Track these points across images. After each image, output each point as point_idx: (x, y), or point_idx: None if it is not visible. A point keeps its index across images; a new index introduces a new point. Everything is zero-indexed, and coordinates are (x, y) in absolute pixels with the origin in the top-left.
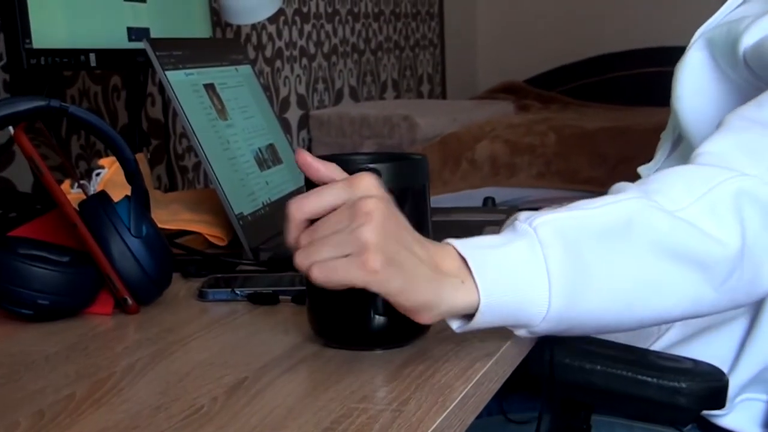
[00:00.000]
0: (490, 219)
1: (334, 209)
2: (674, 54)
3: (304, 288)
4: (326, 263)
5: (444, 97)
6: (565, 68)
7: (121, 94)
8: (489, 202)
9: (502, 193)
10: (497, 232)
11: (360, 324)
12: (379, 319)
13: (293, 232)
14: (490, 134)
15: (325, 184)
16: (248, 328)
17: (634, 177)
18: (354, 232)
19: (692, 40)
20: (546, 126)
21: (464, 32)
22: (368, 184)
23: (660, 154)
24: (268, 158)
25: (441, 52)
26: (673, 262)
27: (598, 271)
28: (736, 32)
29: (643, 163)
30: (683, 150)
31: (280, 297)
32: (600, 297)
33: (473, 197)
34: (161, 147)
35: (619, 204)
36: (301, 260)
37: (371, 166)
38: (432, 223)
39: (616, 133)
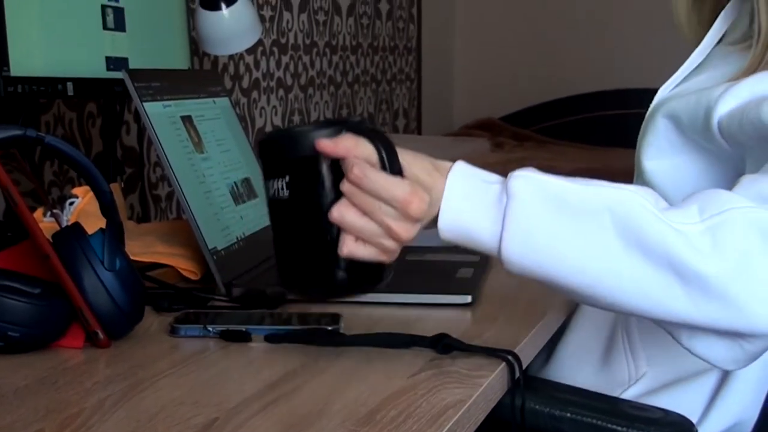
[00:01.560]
0: (465, 260)
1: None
2: (646, 96)
3: (276, 327)
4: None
5: (419, 132)
6: (540, 107)
7: (96, 122)
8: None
9: None
10: (470, 274)
11: (324, 274)
12: (341, 272)
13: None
14: None
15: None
16: (220, 366)
17: None
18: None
19: (654, 103)
20: (520, 166)
21: (442, 67)
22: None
23: None
24: (243, 192)
25: (418, 86)
26: (642, 256)
27: (555, 238)
28: (708, 102)
29: None
30: None
31: (253, 335)
32: (554, 262)
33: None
34: (135, 175)
35: (614, 189)
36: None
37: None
38: (407, 263)
39: (589, 175)
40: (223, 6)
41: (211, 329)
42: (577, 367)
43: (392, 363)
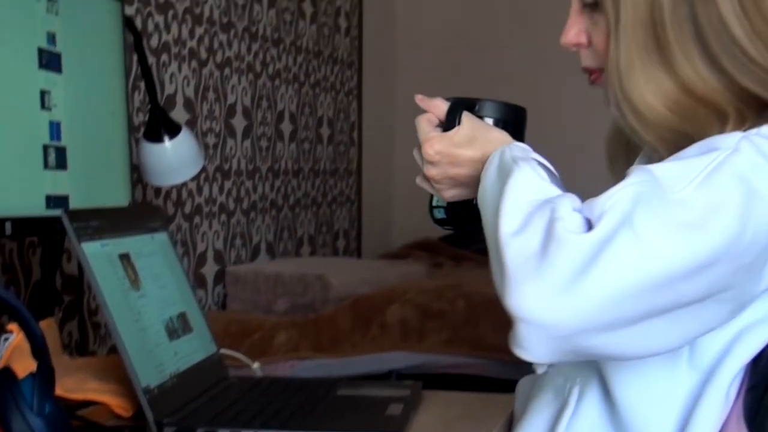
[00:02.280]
0: (395, 395)
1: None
2: None
3: None
4: None
5: (359, 252)
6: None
7: (37, 250)
8: (393, 375)
9: (410, 359)
10: (400, 410)
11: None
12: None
13: None
14: (401, 298)
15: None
16: None
17: None
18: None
19: None
20: (456, 292)
21: (381, 189)
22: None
23: None
24: (178, 327)
25: (358, 208)
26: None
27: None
28: None
29: None
30: None
31: None
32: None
33: (382, 361)
34: (74, 302)
35: None
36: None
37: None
38: (338, 399)
39: None
40: (166, 138)
41: None
42: None
43: None
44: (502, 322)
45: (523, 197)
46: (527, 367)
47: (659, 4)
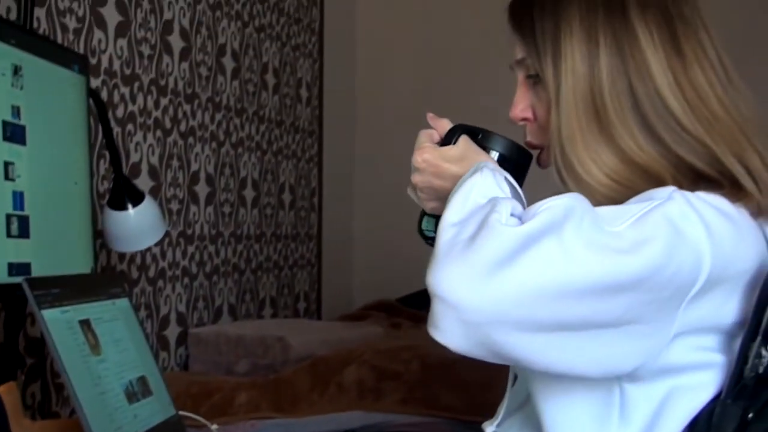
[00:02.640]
0: None
1: None
2: None
3: None
4: None
5: (319, 313)
6: None
7: (1, 314)
8: None
9: (366, 418)
10: None
11: None
12: None
13: None
14: (358, 359)
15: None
16: None
17: (492, 404)
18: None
19: None
20: (411, 353)
21: (340, 253)
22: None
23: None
24: (138, 391)
25: (318, 271)
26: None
27: None
28: None
29: (500, 390)
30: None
31: None
32: None
33: (340, 420)
34: (38, 364)
35: None
36: None
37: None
38: None
39: (476, 362)
40: (130, 206)
41: None
42: None
43: None
44: (455, 383)
45: (474, 196)
46: (479, 428)
47: (598, 77)
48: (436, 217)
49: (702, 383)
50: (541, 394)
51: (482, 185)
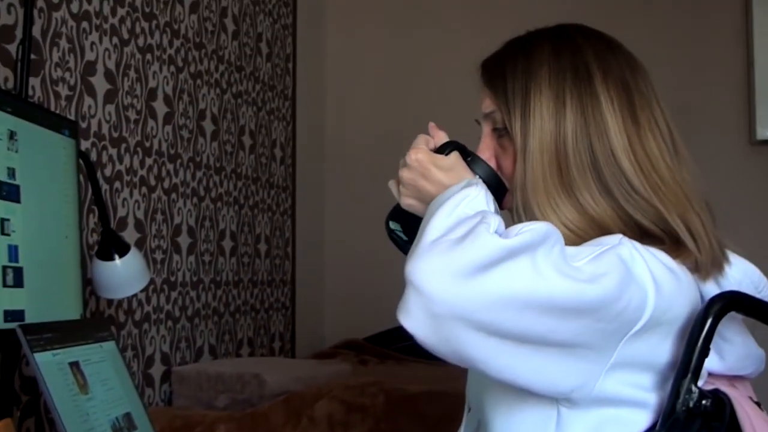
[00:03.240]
0: None
1: None
2: None
3: None
4: None
5: (293, 352)
6: (398, 329)
7: None
8: None
9: None
10: None
11: None
12: None
13: None
14: (328, 394)
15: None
16: None
17: None
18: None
19: None
20: (377, 389)
21: (313, 297)
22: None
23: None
24: (124, 426)
25: (292, 313)
26: None
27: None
28: None
29: (455, 423)
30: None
31: None
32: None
33: None
34: (32, 402)
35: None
36: None
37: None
38: None
39: (435, 396)
40: (116, 257)
41: None
42: None
43: None
44: (417, 415)
45: (464, 206)
46: None
47: (564, 134)
48: (402, 220)
49: (633, 420)
50: (491, 413)
51: (475, 198)
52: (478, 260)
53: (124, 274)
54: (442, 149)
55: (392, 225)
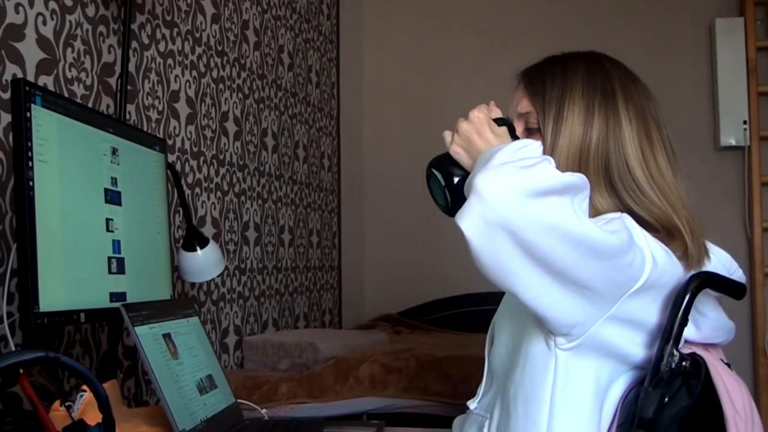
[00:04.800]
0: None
1: None
2: (495, 298)
3: None
4: None
5: (340, 324)
6: (426, 305)
7: (104, 329)
8: (364, 416)
9: (377, 402)
10: None
11: None
12: None
13: None
14: (370, 358)
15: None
16: None
17: (469, 390)
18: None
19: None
20: (409, 354)
21: (356, 279)
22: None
23: (483, 382)
24: (206, 385)
25: (339, 293)
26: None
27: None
28: None
29: (474, 380)
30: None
31: None
32: None
33: (357, 404)
34: (133, 365)
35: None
36: None
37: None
38: None
39: (458, 359)
40: (198, 248)
41: None
42: None
43: None
44: (443, 375)
45: (528, 149)
46: (462, 409)
47: (589, 141)
48: (444, 171)
49: (622, 371)
50: (505, 367)
51: (537, 147)
52: (540, 186)
53: (204, 263)
54: (497, 122)
55: (435, 171)
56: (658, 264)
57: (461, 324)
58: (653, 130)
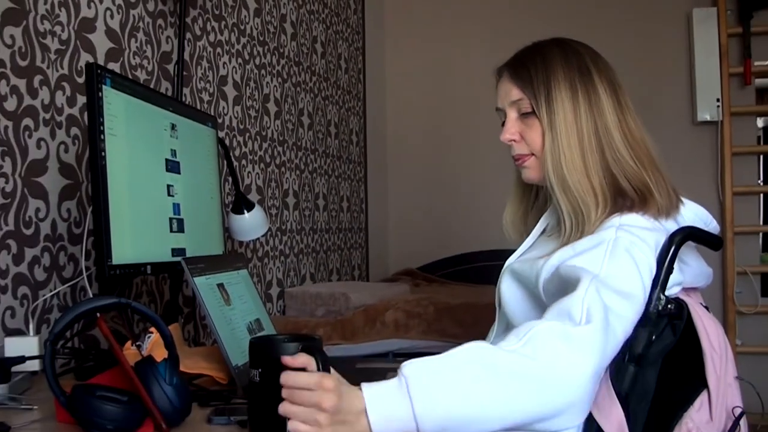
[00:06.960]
0: (392, 367)
1: (307, 389)
2: (506, 255)
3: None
4: (297, 421)
5: (368, 278)
6: (442, 261)
7: (167, 281)
8: (390, 355)
9: (401, 343)
10: (395, 376)
11: None
12: None
13: (285, 392)
14: (394, 306)
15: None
16: None
17: (480, 331)
18: (316, 414)
19: (505, 265)
20: (428, 302)
21: (380, 239)
22: (331, 385)
23: (495, 326)
24: (255, 328)
25: (366, 251)
26: (500, 377)
27: (450, 385)
28: (537, 270)
29: (486, 325)
30: (508, 325)
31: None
32: (456, 407)
33: (384, 345)
34: (191, 313)
35: (464, 348)
36: (285, 409)
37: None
38: (356, 369)
39: (470, 307)
40: (245, 211)
41: (232, 419)
42: None
43: None
44: (457, 319)
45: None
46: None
47: (579, 115)
48: None
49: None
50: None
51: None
52: (595, 348)
53: (250, 224)
54: (323, 365)
55: None
56: (658, 244)
57: (473, 277)
58: (621, 94)
